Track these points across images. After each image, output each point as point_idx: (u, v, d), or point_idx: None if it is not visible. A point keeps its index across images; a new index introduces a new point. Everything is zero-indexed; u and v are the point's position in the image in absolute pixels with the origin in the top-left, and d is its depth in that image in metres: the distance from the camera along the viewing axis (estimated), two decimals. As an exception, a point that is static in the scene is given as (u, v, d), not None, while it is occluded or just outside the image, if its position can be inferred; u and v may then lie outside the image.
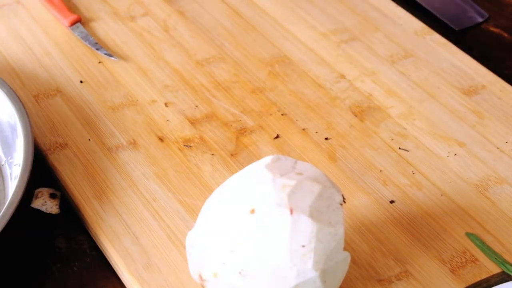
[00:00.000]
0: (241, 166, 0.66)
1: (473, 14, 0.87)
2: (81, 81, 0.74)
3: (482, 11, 0.87)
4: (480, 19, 0.87)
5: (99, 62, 0.77)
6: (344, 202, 0.54)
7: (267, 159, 0.54)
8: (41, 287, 0.59)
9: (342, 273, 0.53)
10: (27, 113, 0.64)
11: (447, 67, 0.78)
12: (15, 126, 0.64)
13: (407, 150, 0.68)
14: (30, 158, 0.60)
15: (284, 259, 0.50)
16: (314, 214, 0.50)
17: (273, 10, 0.85)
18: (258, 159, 0.67)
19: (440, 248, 0.60)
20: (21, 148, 0.61)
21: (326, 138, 0.69)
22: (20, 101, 0.66)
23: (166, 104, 0.72)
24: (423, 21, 0.84)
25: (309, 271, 0.50)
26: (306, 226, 0.50)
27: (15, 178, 0.60)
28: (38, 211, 0.62)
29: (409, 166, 0.67)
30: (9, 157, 0.64)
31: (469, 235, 0.61)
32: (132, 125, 0.71)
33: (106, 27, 0.82)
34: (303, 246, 0.50)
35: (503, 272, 0.58)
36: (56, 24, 0.82)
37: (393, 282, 0.58)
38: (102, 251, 0.61)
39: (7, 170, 0.64)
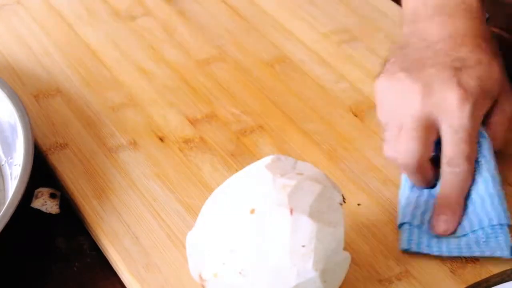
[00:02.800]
0: (241, 166, 0.66)
1: None
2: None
3: None
4: None
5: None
6: (344, 202, 0.54)
7: (267, 159, 0.54)
8: (41, 287, 0.59)
9: (342, 273, 0.53)
10: (27, 113, 0.64)
11: (447, 67, 0.77)
12: (15, 126, 0.64)
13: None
14: (30, 158, 0.60)
15: (284, 259, 0.50)
16: (314, 214, 0.50)
17: (273, 10, 0.85)
18: (258, 159, 0.67)
19: (440, 248, 0.60)
20: (21, 148, 0.61)
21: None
22: (20, 101, 0.66)
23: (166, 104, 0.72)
24: (423, 21, 0.84)
25: (309, 271, 0.50)
26: (306, 226, 0.50)
27: (15, 178, 0.60)
28: (38, 211, 0.62)
29: (409, 166, 0.67)
30: (9, 157, 0.64)
31: None
32: (132, 125, 0.71)
33: (107, 27, 0.82)
34: (303, 246, 0.50)
35: (502, 272, 0.58)
36: (56, 24, 0.82)
37: (393, 282, 0.58)
38: (102, 251, 0.61)
39: (7, 170, 0.64)
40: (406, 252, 0.59)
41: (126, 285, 0.59)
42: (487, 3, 0.68)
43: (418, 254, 0.59)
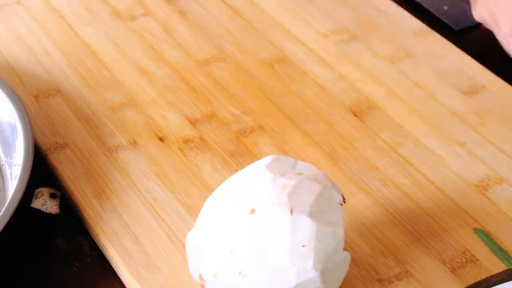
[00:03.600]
0: (241, 166, 0.66)
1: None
2: None
3: None
4: None
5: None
6: (344, 202, 0.54)
7: (267, 159, 0.54)
8: (41, 287, 0.59)
9: (342, 273, 0.53)
10: (27, 113, 0.64)
11: (447, 67, 0.78)
12: (15, 126, 0.64)
13: (407, 150, 0.68)
14: (30, 158, 0.60)
15: (284, 259, 0.50)
16: (314, 214, 0.50)
17: (273, 10, 0.85)
18: (258, 159, 0.67)
19: (440, 248, 0.60)
20: (21, 148, 0.61)
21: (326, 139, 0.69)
22: (20, 101, 0.66)
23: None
24: (423, 21, 0.84)
25: (309, 271, 0.50)
26: (306, 226, 0.50)
27: (15, 178, 0.60)
28: (38, 211, 0.62)
29: (409, 166, 0.67)
30: (9, 157, 0.64)
31: (476, 230, 0.61)
32: (132, 125, 0.71)
33: (107, 27, 0.82)
34: (303, 246, 0.50)
35: (502, 272, 0.58)
36: (56, 24, 0.82)
37: (393, 282, 0.58)
38: (102, 251, 0.61)
39: (7, 170, 0.64)
40: None
41: (126, 285, 0.59)
42: (487, 3, 0.69)
43: (418, 254, 0.59)
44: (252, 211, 0.51)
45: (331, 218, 0.51)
